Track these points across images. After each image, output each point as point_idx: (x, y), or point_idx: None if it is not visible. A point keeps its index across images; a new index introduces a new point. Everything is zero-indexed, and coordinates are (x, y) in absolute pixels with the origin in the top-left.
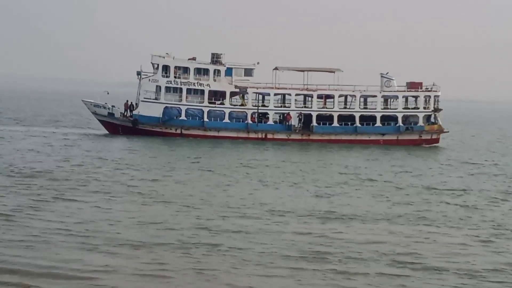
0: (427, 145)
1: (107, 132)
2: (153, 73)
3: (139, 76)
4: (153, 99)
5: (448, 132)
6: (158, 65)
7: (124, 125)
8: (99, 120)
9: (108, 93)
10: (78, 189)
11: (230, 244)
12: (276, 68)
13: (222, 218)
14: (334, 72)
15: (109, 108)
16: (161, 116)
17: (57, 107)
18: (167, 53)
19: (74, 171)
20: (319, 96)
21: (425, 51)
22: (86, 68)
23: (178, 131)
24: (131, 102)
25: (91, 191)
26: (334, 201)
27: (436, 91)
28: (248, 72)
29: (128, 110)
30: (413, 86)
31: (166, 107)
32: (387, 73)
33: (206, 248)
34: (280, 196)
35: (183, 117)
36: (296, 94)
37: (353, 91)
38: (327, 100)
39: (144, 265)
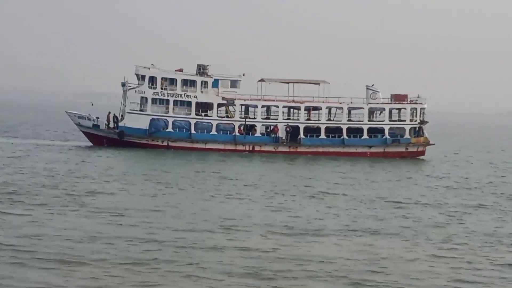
0: (413, 158)
1: (91, 144)
2: (138, 84)
3: (123, 87)
4: (138, 110)
5: (434, 144)
6: (143, 76)
7: (109, 137)
8: (84, 132)
9: (92, 104)
10: (23, 201)
11: (175, 259)
12: (261, 80)
13: (173, 231)
14: (319, 84)
15: (93, 120)
16: (147, 128)
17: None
18: (152, 64)
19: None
20: (306, 108)
21: (408, 62)
22: (38, 77)
23: (165, 143)
24: (114, 114)
25: (38, 204)
26: (297, 215)
27: (422, 103)
28: (234, 83)
29: (112, 122)
30: (398, 98)
31: (152, 119)
32: (373, 85)
33: (149, 263)
34: (245, 209)
35: (170, 129)
36: (283, 106)
37: (340, 103)
38: (314, 112)
39: (82, 281)
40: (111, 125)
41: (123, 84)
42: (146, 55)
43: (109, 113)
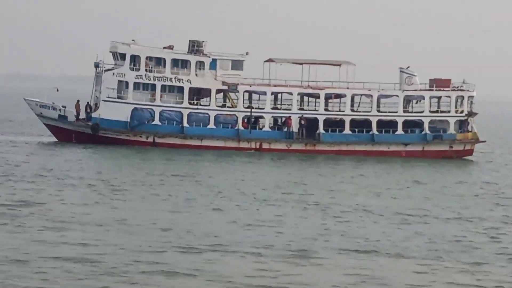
0: (458, 158)
1: (56, 140)
2: (115, 65)
3: (97, 68)
4: (117, 98)
5: (484, 142)
6: (123, 55)
7: (80, 131)
8: (47, 125)
9: (57, 90)
10: None
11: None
12: (269, 60)
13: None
14: (340, 65)
15: (60, 110)
16: (128, 120)
17: None
18: (133, 40)
19: None
20: (327, 96)
21: (449, 42)
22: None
23: (150, 139)
24: (88, 102)
25: None
26: (300, 232)
27: (469, 90)
28: (236, 64)
29: (84, 113)
30: (440, 84)
31: (135, 109)
32: (408, 67)
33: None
34: (238, 225)
35: (156, 121)
36: (298, 93)
37: (369, 90)
38: (335, 101)
39: None
40: (82, 116)
41: (97, 65)
42: (124, 30)
43: (78, 101)
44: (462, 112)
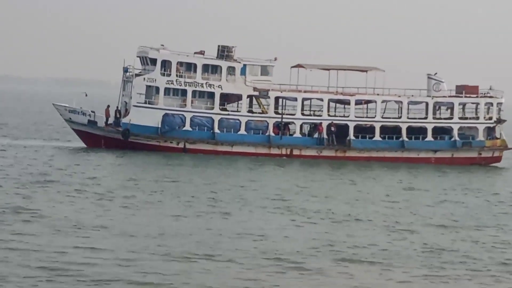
0: (486, 165)
1: (85, 146)
2: (143, 69)
3: (126, 73)
4: (147, 103)
5: None
6: (154, 60)
7: (110, 137)
8: (75, 130)
9: (86, 95)
10: None
11: None
12: (298, 66)
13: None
14: (367, 71)
15: (89, 115)
16: (159, 125)
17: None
18: (162, 45)
19: None
20: (358, 102)
21: (474, 48)
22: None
23: (181, 145)
24: (117, 107)
25: None
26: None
27: (498, 97)
28: (266, 70)
29: (113, 118)
30: (468, 90)
31: (166, 114)
32: (436, 73)
33: None
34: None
35: (187, 127)
36: (330, 100)
37: (399, 96)
38: (361, 107)
39: None
40: (110, 121)
41: (126, 70)
42: (142, 33)
43: (108, 106)
44: (491, 119)
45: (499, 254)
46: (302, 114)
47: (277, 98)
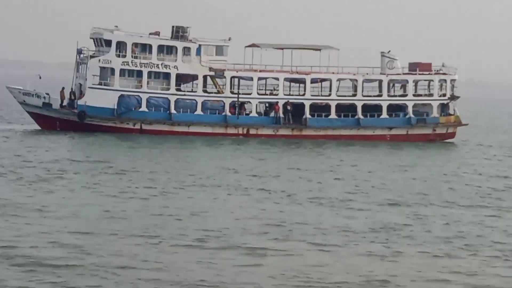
0: (441, 141)
1: (40, 128)
2: (97, 51)
3: (79, 55)
4: (103, 85)
5: (467, 125)
6: (108, 41)
7: (65, 119)
8: (30, 113)
9: (40, 77)
10: None
11: None
12: (253, 45)
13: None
14: (320, 50)
15: (44, 97)
16: (115, 107)
17: None
18: (116, 26)
19: None
20: (313, 81)
21: (422, 23)
22: None
23: (138, 126)
24: (72, 89)
25: None
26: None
27: (451, 74)
28: (221, 50)
29: (69, 100)
30: (422, 68)
31: (122, 96)
32: (389, 51)
33: None
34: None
35: (143, 108)
36: (285, 79)
37: (354, 74)
38: (316, 85)
39: None
40: (65, 104)
41: (80, 51)
42: (92, 14)
43: (63, 88)
44: (444, 95)
45: (442, 230)
46: (258, 93)
47: (232, 78)
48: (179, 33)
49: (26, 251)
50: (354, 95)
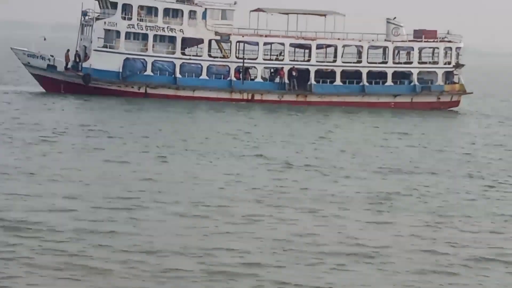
0: (445, 109)
1: (44, 90)
2: (101, 13)
3: (85, 17)
4: (108, 48)
5: (471, 93)
6: (113, 3)
7: (70, 82)
8: (34, 75)
9: (45, 39)
10: None
11: None
12: (259, 10)
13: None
14: (325, 16)
15: (48, 59)
16: (120, 70)
17: None
18: None
19: None
20: (319, 47)
21: None
22: None
23: (142, 90)
24: (77, 51)
25: None
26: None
27: (456, 42)
28: (226, 14)
29: (73, 62)
30: (427, 35)
31: (127, 59)
32: (395, 18)
33: None
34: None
35: (149, 71)
36: (291, 44)
37: (360, 41)
38: (322, 51)
39: None
40: (70, 66)
41: (85, 13)
42: None
43: (68, 50)
44: (449, 63)
45: (434, 199)
46: (263, 59)
47: (238, 43)
48: None
49: (16, 215)
50: (359, 61)
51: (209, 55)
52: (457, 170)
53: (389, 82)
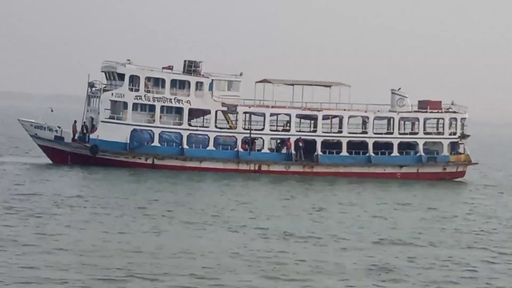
0: (451, 180)
1: (51, 162)
2: (108, 84)
3: (91, 88)
4: (115, 119)
5: (477, 164)
6: (120, 75)
7: (77, 153)
8: (41, 146)
9: (52, 110)
10: None
11: None
12: (264, 81)
13: None
14: (330, 87)
15: (56, 131)
16: (128, 141)
17: None
18: (128, 60)
19: None
20: (325, 117)
21: (432, 63)
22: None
23: (150, 161)
24: (84, 122)
25: None
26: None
27: (461, 112)
28: (233, 85)
29: (80, 134)
30: (431, 106)
31: (134, 130)
32: (399, 89)
33: None
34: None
35: (156, 142)
36: (297, 115)
37: (366, 112)
38: (327, 122)
39: None
40: (77, 137)
41: (92, 85)
42: (108, 49)
43: (75, 122)
44: (455, 134)
45: (433, 272)
46: (270, 129)
47: (245, 114)
48: (191, 67)
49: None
50: (365, 132)
51: (216, 126)
52: (459, 241)
53: (395, 152)
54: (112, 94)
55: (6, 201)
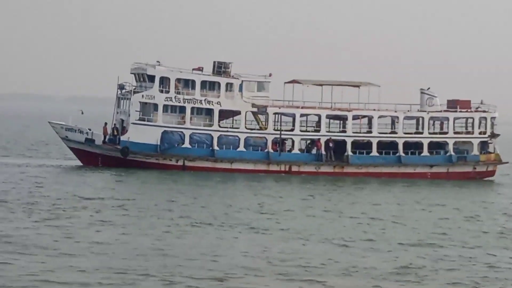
0: (481, 179)
1: (81, 164)
2: (138, 86)
3: (121, 90)
4: (146, 120)
5: (507, 163)
6: (151, 76)
7: (107, 155)
8: (72, 148)
9: (82, 113)
10: None
11: None
12: (293, 81)
13: None
14: (359, 86)
15: (86, 133)
16: (158, 143)
17: None
18: (158, 61)
19: None
20: (355, 118)
21: (462, 63)
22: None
23: (180, 163)
24: (115, 124)
25: None
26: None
27: (491, 112)
28: (262, 86)
29: (111, 136)
30: (461, 105)
31: (165, 132)
32: (429, 88)
33: None
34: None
35: (186, 144)
36: (327, 116)
37: (396, 112)
38: (356, 122)
39: None
40: (107, 139)
41: (122, 87)
42: (135, 52)
43: (106, 124)
44: (485, 133)
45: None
46: (300, 130)
47: (275, 114)
48: (221, 68)
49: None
50: (394, 132)
51: (246, 127)
52: (490, 242)
53: (425, 152)
54: (143, 96)
55: (33, 203)
